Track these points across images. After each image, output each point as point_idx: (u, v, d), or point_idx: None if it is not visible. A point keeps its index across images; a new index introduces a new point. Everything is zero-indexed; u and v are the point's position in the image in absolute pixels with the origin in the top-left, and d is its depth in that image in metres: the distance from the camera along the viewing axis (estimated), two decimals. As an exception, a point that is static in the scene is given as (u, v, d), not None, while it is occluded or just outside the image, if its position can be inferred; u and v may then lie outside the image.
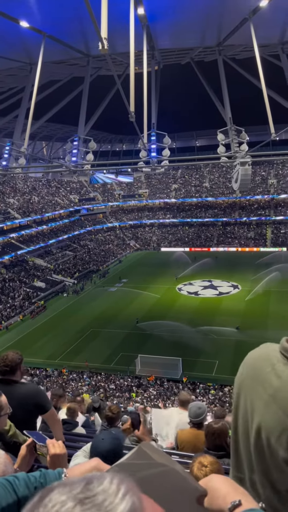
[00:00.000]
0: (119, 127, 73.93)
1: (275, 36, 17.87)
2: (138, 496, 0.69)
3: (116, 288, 52.74)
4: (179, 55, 21.81)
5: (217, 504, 0.98)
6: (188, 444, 4.69)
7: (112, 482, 0.68)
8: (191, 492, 1.01)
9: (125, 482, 0.69)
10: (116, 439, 2.67)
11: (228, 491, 0.99)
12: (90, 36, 15.99)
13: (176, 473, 1.00)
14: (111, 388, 28.45)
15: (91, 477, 0.70)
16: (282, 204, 78.54)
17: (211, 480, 1.05)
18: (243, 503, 0.93)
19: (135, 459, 0.99)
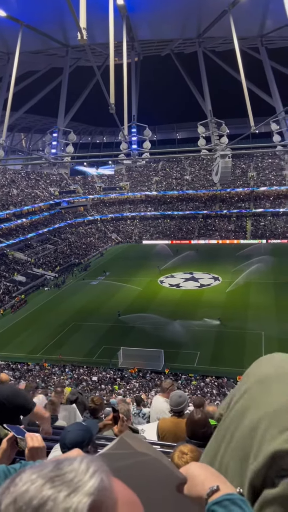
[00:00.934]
0: (99, 119, 73.20)
1: (254, 29, 17.94)
2: (107, 475, 0.71)
3: (98, 281, 52.62)
4: (159, 47, 21.68)
5: (196, 490, 0.99)
6: (169, 433, 4.75)
7: (82, 462, 0.71)
8: (172, 480, 1.03)
9: (95, 462, 0.72)
10: (82, 431, 2.67)
11: (207, 477, 1.00)
12: (68, 26, 15.72)
13: (157, 462, 1.02)
14: (94, 381, 28.49)
15: (62, 458, 0.72)
16: (261, 197, 79.47)
17: (190, 468, 1.06)
18: (221, 488, 0.94)
19: (117, 449, 1.00)
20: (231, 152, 15.63)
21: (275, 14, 14.84)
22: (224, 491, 0.94)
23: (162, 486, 1.03)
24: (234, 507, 0.89)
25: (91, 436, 2.74)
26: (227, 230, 75.56)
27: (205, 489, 0.96)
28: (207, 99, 19.13)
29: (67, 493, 0.65)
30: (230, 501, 0.90)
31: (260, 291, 43.74)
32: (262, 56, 19.47)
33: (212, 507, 0.91)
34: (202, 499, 0.96)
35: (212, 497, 0.93)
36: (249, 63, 18.11)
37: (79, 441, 2.59)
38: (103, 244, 74.45)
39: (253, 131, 14.50)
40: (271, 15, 15.83)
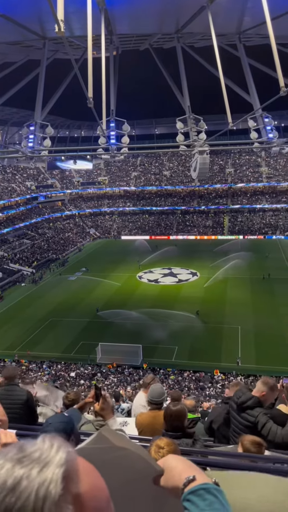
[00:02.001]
0: (77, 112, 72.46)
1: (232, 26, 18.03)
2: (71, 451, 0.73)
3: (76, 276, 52.27)
4: (138, 41, 21.54)
5: (173, 481, 1.00)
6: (147, 427, 4.78)
7: (44, 441, 0.73)
8: (149, 473, 1.04)
9: (56, 439, 0.74)
10: (63, 423, 2.66)
11: (183, 468, 1.01)
12: (46, 17, 15.44)
13: (135, 456, 1.03)
14: (72, 377, 28.38)
15: (24, 442, 0.74)
16: (238, 193, 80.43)
17: (167, 460, 1.07)
18: (197, 478, 0.96)
19: (95, 444, 1.00)
20: (209, 148, 15.74)
21: (253, 12, 14.96)
22: (200, 481, 0.95)
23: (140, 479, 1.04)
24: (209, 495, 0.91)
25: (72, 426, 2.73)
26: (205, 226, 76.19)
27: (181, 479, 0.97)
28: (185, 95, 19.15)
29: (39, 468, 0.67)
30: (205, 490, 0.92)
31: (237, 286, 44.38)
32: (240, 53, 19.59)
33: (187, 496, 0.93)
34: (179, 490, 0.97)
35: (188, 486, 0.95)
36: (227, 60, 18.21)
37: (60, 433, 2.57)
38: (81, 239, 73.95)
39: (230, 127, 14.62)
40: (249, 12, 15.94)
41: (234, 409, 4.51)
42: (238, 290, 43.18)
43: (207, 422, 5.04)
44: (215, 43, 13.51)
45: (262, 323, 34.73)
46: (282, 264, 52.69)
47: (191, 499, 0.91)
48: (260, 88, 19.26)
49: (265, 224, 73.10)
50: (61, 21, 7.94)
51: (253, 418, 4.31)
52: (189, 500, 0.92)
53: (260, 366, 28.62)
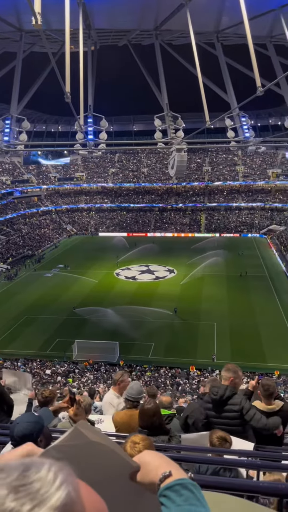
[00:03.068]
0: (54, 107, 71.57)
1: (211, 24, 18.12)
2: (75, 486, 0.67)
3: (52, 273, 51.74)
4: (116, 37, 21.37)
5: (149, 477, 1.00)
6: (124, 425, 4.78)
7: (50, 470, 0.66)
8: (125, 469, 1.03)
9: (63, 471, 0.68)
10: (31, 423, 2.63)
11: (160, 464, 1.01)
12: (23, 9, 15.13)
13: (111, 452, 1.02)
14: (47, 374, 28.11)
15: (30, 463, 0.68)
16: (215, 191, 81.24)
17: (143, 456, 1.07)
18: (173, 473, 0.96)
19: (70, 440, 0.99)
20: (186, 146, 15.78)
21: (231, 11, 15.06)
22: (176, 476, 0.95)
23: (116, 475, 1.03)
24: (185, 491, 0.91)
25: (41, 427, 2.70)
26: (182, 223, 76.66)
27: (158, 475, 0.97)
28: (163, 92, 19.14)
29: (30, 506, 0.61)
30: (181, 485, 0.92)
31: (213, 284, 44.88)
32: (218, 52, 19.70)
33: (163, 492, 0.93)
34: (155, 485, 0.97)
35: (164, 482, 0.95)
36: (206, 58, 18.28)
37: (27, 433, 2.54)
38: (58, 235, 73.18)
39: (208, 126, 14.72)
40: (227, 12, 16.04)
41: (214, 407, 4.53)
42: (214, 287, 43.68)
43: (183, 418, 5.08)
44: (193, 41, 13.55)
45: (238, 319, 35.28)
46: (257, 261, 53.59)
47: (168, 495, 0.92)
48: (238, 88, 19.46)
49: (241, 222, 74.13)
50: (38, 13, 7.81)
51: (237, 406, 4.35)
52: (165, 496, 0.92)
53: (235, 362, 28.99)
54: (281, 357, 29.35)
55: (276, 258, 55.22)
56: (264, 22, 16.09)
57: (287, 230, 66.18)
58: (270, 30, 17.99)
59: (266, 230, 69.55)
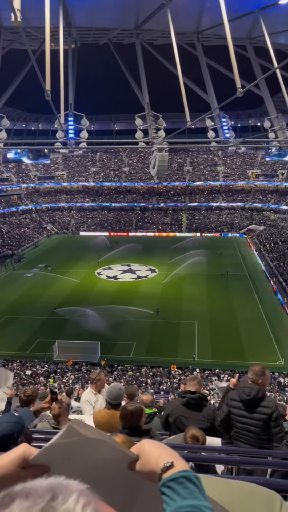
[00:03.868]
0: (34, 105, 70.65)
1: (191, 25, 18.22)
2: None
3: (32, 273, 51.17)
4: (97, 35, 21.27)
5: (149, 466, 0.99)
6: (105, 425, 4.77)
7: (78, 502, 0.64)
8: (123, 460, 1.03)
9: (92, 504, 0.66)
10: (12, 423, 2.61)
11: (160, 453, 1.00)
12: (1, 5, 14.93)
13: (108, 445, 1.02)
14: (27, 375, 27.81)
15: (57, 490, 0.65)
16: (196, 191, 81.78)
17: (143, 445, 1.05)
18: (175, 464, 0.94)
19: (66, 438, 0.99)
20: (167, 146, 15.84)
21: (211, 12, 15.17)
22: (179, 467, 0.94)
23: (115, 467, 1.03)
24: (190, 484, 0.90)
25: (22, 427, 2.67)
26: (163, 223, 76.89)
27: (158, 465, 0.96)
28: (144, 92, 19.16)
29: None
30: (186, 478, 0.91)
31: (194, 283, 45.17)
32: (198, 52, 19.85)
33: (168, 483, 0.91)
34: (156, 475, 0.95)
35: (167, 473, 0.93)
36: (186, 59, 18.38)
37: (7, 434, 2.52)
38: (38, 235, 72.40)
39: (189, 126, 14.81)
40: (207, 13, 16.17)
41: (242, 408, 4.46)
42: (195, 287, 43.97)
43: (164, 416, 5.10)
44: (174, 41, 13.62)
45: (218, 318, 35.62)
46: (237, 261, 54.21)
47: (172, 486, 0.90)
48: (218, 88, 19.64)
49: (222, 222, 74.83)
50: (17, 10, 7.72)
51: (269, 409, 4.35)
52: (169, 487, 0.90)
53: (215, 361, 29.38)
54: (260, 355, 29.77)
55: (256, 258, 55.99)
56: (244, 23, 16.29)
57: (267, 230, 67.18)
58: (249, 32, 18.22)
59: (246, 230, 70.43)
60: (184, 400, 4.66)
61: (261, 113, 72.60)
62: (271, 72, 11.23)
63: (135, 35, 19.34)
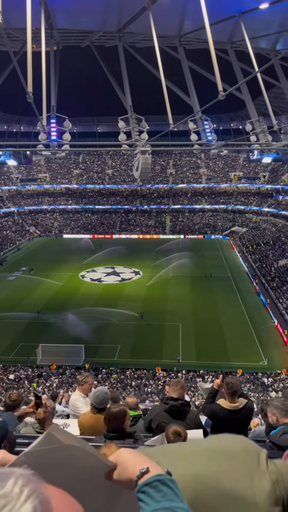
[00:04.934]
0: (16, 107, 70.10)
1: (173, 28, 18.33)
2: (44, 498, 0.66)
3: (15, 276, 50.55)
4: (79, 37, 21.21)
5: (126, 474, 1.00)
6: (89, 429, 4.74)
7: (15, 484, 0.65)
8: (101, 469, 1.04)
9: (30, 484, 0.66)
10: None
11: (137, 461, 1.01)
12: (-18, 5, 14.78)
13: (85, 454, 1.02)
14: (10, 379, 27.44)
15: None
16: (179, 194, 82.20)
17: (120, 454, 1.07)
18: (150, 470, 0.96)
19: (44, 445, 0.98)
20: (151, 149, 15.88)
21: (193, 16, 15.30)
22: (154, 472, 0.95)
23: (92, 476, 1.03)
24: (164, 487, 0.91)
25: (5, 432, 2.63)
26: (147, 225, 77.01)
27: (135, 472, 0.97)
28: (127, 94, 19.18)
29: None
30: (160, 481, 0.92)
31: (177, 285, 45.34)
32: (181, 56, 19.97)
33: (142, 488, 0.92)
34: (132, 482, 0.96)
35: (142, 478, 0.94)
36: (169, 62, 18.49)
37: None
38: (20, 237, 71.64)
39: (171, 129, 14.88)
40: (189, 17, 16.30)
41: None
42: (179, 288, 44.13)
43: (146, 421, 5.09)
44: (156, 44, 13.67)
45: (202, 319, 35.81)
46: (221, 262, 54.65)
47: (146, 491, 0.91)
48: (200, 91, 19.79)
49: (205, 224, 75.37)
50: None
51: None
52: (144, 492, 0.92)
53: (200, 362, 29.51)
54: (243, 356, 30.06)
55: (239, 259, 56.56)
56: (225, 28, 16.46)
57: (249, 231, 67.93)
58: (231, 36, 18.42)
59: (229, 232, 71.10)
60: (167, 407, 4.65)
61: (242, 116, 73.58)
62: (252, 76, 11.37)
63: (117, 38, 19.36)
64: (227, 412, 4.66)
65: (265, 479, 1.11)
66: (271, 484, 1.10)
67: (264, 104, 16.18)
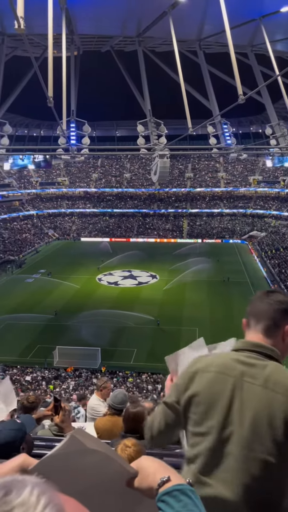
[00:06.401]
0: (37, 111, 71.04)
1: (193, 33, 18.35)
2: (59, 508, 0.65)
3: (33, 278, 51.13)
4: (99, 43, 21.45)
5: (147, 482, 1.00)
6: (106, 432, 4.73)
7: (32, 493, 0.64)
8: (122, 475, 1.04)
9: (47, 493, 0.66)
10: (14, 430, 2.57)
11: (157, 469, 1.01)
12: (5, 13, 15.08)
13: (108, 458, 1.02)
14: (27, 381, 27.69)
15: (11, 485, 0.65)
16: (197, 197, 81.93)
17: (141, 461, 1.07)
18: (172, 479, 0.95)
19: (68, 448, 0.98)
20: (169, 153, 15.90)
21: (213, 20, 15.30)
22: (175, 481, 0.95)
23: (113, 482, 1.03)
24: (184, 497, 0.90)
25: (24, 435, 2.64)
26: (164, 229, 76.95)
27: (156, 480, 0.97)
28: (146, 99, 19.27)
29: None
30: (180, 491, 0.91)
31: (194, 289, 45.08)
32: (200, 60, 19.97)
33: (162, 497, 0.92)
34: (153, 490, 0.96)
35: (163, 487, 0.94)
36: (188, 66, 18.50)
37: (10, 441, 2.48)
38: (39, 240, 72.48)
39: (190, 132, 14.86)
40: (209, 21, 16.30)
41: None
42: (196, 293, 43.87)
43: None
44: (175, 48, 13.70)
45: (219, 325, 35.46)
46: (239, 267, 54.14)
47: (166, 500, 0.91)
48: (219, 95, 19.73)
49: (223, 228, 74.86)
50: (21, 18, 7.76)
51: None
52: (163, 501, 0.91)
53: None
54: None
55: (257, 264, 55.91)
56: (246, 31, 16.39)
57: (268, 236, 67.15)
58: (251, 39, 18.33)
59: (247, 236, 70.43)
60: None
61: (262, 119, 72.91)
62: (272, 80, 11.26)
63: (137, 43, 19.48)
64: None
65: None
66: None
67: (285, 108, 16.01)
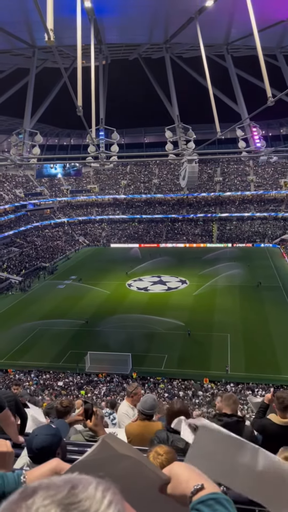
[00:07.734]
0: (66, 121, 72.64)
1: (220, 37, 18.28)
2: (122, 505, 0.67)
3: (65, 285, 51.93)
4: (127, 51, 21.71)
5: (180, 489, 0.98)
6: (136, 437, 4.73)
7: (97, 489, 0.66)
8: (155, 481, 1.03)
9: (111, 490, 0.68)
10: (50, 435, 2.60)
11: (191, 476, 1.00)
12: (35, 26, 15.50)
13: (139, 464, 1.02)
14: (60, 386, 28.06)
15: (76, 481, 0.68)
16: (227, 202, 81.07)
17: (173, 467, 1.05)
18: (205, 486, 0.94)
19: (99, 454, 0.99)
20: (197, 157, 15.84)
21: (240, 24, 15.20)
22: (209, 490, 0.93)
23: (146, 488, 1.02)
24: (219, 506, 0.88)
25: (59, 439, 2.67)
26: (194, 234, 76.52)
27: (189, 487, 0.95)
28: (174, 104, 19.30)
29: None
30: (215, 500, 0.89)
31: (225, 294, 44.51)
32: (228, 63, 19.84)
33: (196, 506, 0.90)
34: (186, 498, 0.94)
35: (197, 495, 0.92)
36: (216, 70, 18.42)
37: (46, 446, 2.52)
38: (70, 247, 73.64)
39: (219, 137, 14.77)
40: (236, 24, 16.20)
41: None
42: (227, 298, 43.30)
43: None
44: (203, 53, 13.68)
45: (251, 331, 34.86)
46: (271, 271, 53.07)
47: (200, 509, 0.89)
48: (248, 98, 19.51)
49: (254, 232, 73.68)
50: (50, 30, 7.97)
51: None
52: (198, 510, 0.89)
53: (249, 374, 28.67)
54: (296, 369, 28.85)
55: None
56: (274, 33, 16.17)
57: (300, 239, 65.53)
58: (279, 41, 18.08)
59: (279, 240, 68.99)
60: (221, 424, 4.54)
61: (292, 121, 71.55)
62: (302, 80, 11.06)
63: (164, 49, 19.59)
64: (278, 428, 4.47)
65: None
66: None
67: (316, 108, 15.65)
